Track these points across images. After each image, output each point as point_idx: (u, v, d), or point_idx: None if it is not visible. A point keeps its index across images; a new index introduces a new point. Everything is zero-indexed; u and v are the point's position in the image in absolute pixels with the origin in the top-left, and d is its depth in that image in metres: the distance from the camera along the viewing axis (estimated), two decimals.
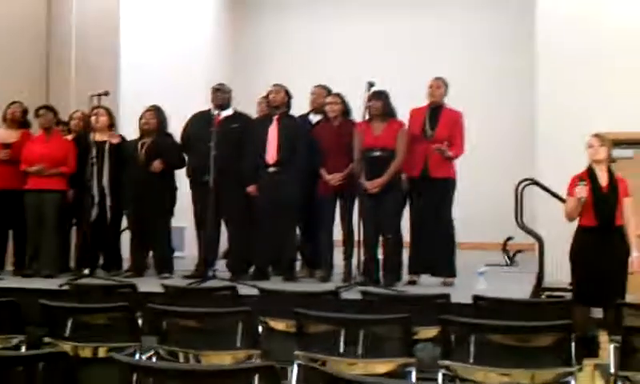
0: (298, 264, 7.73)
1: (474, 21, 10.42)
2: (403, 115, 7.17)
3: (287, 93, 7.51)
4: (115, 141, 7.68)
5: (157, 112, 7.74)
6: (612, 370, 4.23)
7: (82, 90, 10.26)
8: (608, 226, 6.03)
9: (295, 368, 4.11)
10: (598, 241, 6.08)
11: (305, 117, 7.72)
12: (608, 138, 6.35)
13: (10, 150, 7.75)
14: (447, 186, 6.94)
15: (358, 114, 7.08)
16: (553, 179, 8.66)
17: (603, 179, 6.07)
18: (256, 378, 2.69)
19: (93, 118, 7.67)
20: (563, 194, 8.21)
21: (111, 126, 7.98)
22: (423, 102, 7.13)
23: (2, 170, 7.72)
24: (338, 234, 7.35)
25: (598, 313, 6.26)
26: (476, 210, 7.64)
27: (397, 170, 6.87)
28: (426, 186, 6.89)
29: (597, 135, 6.27)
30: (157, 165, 7.47)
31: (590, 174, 6.13)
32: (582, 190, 5.97)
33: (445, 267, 6.96)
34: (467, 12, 10.47)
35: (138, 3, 10.99)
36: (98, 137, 7.65)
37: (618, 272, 6.01)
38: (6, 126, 7.95)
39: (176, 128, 7.87)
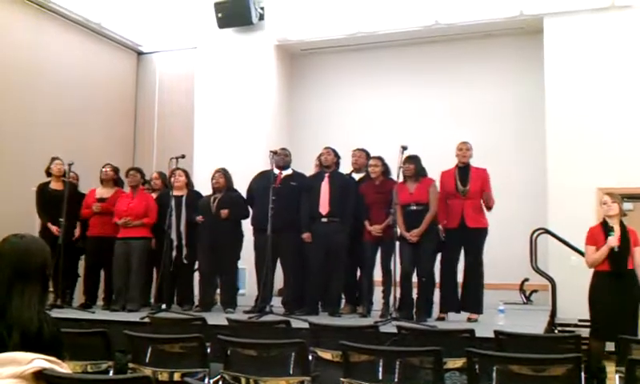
0: (342, 301, 7.68)
1: (493, 93, 10.41)
2: (433, 173, 7.14)
3: (336, 154, 7.59)
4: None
5: (224, 173, 7.86)
6: None
7: (163, 153, 10.55)
8: (621, 271, 5.93)
9: None
10: (612, 284, 6.01)
11: (349, 175, 7.75)
12: (618, 195, 6.25)
13: (104, 203, 7.93)
14: (481, 234, 6.87)
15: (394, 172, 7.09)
16: (562, 228, 8.56)
17: (616, 231, 6.01)
18: None
19: (172, 178, 7.81)
20: (572, 240, 8.14)
21: (188, 184, 8.11)
22: (451, 160, 7.10)
23: (98, 220, 7.93)
24: (376, 275, 7.31)
25: (609, 346, 6.11)
26: (496, 254, 7.49)
27: (431, 220, 6.86)
28: (463, 235, 6.81)
29: (609, 194, 6.21)
30: (224, 212, 7.55)
31: (604, 228, 6.04)
32: (614, 240, 5.93)
33: (475, 304, 6.86)
34: (488, 87, 10.47)
35: (209, 82, 11.25)
36: (177, 192, 7.79)
37: (630, 311, 5.88)
38: (103, 184, 8.16)
39: (240, 185, 7.95)
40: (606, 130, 9.12)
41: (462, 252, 6.94)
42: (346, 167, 7.82)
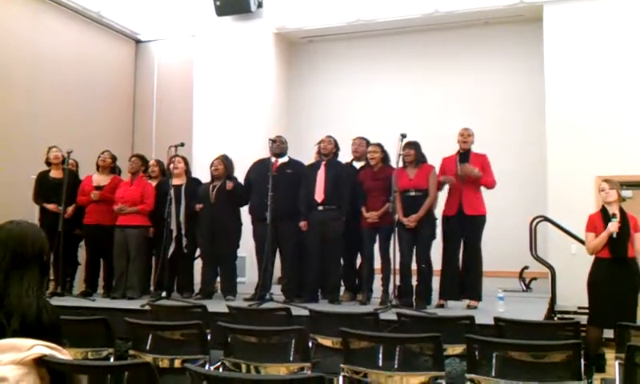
0: (342, 289, 7.67)
1: (493, 81, 10.37)
2: (432, 161, 7.11)
3: (336, 144, 7.58)
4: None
5: (224, 159, 7.82)
6: None
7: (162, 141, 10.52)
8: (621, 257, 5.92)
9: (341, 379, 4.12)
10: (612, 271, 6.00)
11: (350, 164, 7.73)
12: (616, 181, 6.24)
13: (101, 191, 7.91)
14: (479, 221, 6.85)
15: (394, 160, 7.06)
16: (562, 215, 8.56)
17: (616, 218, 5.99)
18: None
19: (171, 165, 7.78)
20: (571, 228, 8.15)
21: (187, 171, 8.09)
22: (450, 149, 7.08)
23: (96, 208, 7.89)
24: (376, 262, 7.31)
25: (607, 333, 6.11)
26: (496, 242, 7.50)
27: (429, 206, 6.86)
28: (462, 222, 6.79)
29: (607, 180, 6.19)
30: (229, 183, 7.52)
31: (604, 214, 6.03)
32: (614, 226, 5.90)
33: (473, 291, 6.85)
34: (487, 74, 10.44)
35: (208, 70, 11.21)
36: (176, 181, 7.76)
37: (630, 298, 5.88)
38: (100, 171, 8.13)
39: (239, 172, 7.93)
40: (605, 118, 9.10)
41: (464, 240, 6.92)
42: (345, 155, 7.80)
